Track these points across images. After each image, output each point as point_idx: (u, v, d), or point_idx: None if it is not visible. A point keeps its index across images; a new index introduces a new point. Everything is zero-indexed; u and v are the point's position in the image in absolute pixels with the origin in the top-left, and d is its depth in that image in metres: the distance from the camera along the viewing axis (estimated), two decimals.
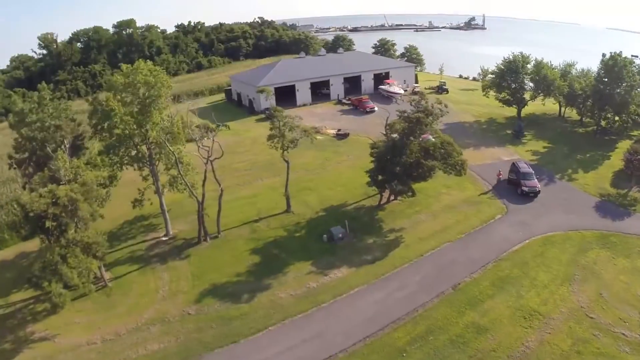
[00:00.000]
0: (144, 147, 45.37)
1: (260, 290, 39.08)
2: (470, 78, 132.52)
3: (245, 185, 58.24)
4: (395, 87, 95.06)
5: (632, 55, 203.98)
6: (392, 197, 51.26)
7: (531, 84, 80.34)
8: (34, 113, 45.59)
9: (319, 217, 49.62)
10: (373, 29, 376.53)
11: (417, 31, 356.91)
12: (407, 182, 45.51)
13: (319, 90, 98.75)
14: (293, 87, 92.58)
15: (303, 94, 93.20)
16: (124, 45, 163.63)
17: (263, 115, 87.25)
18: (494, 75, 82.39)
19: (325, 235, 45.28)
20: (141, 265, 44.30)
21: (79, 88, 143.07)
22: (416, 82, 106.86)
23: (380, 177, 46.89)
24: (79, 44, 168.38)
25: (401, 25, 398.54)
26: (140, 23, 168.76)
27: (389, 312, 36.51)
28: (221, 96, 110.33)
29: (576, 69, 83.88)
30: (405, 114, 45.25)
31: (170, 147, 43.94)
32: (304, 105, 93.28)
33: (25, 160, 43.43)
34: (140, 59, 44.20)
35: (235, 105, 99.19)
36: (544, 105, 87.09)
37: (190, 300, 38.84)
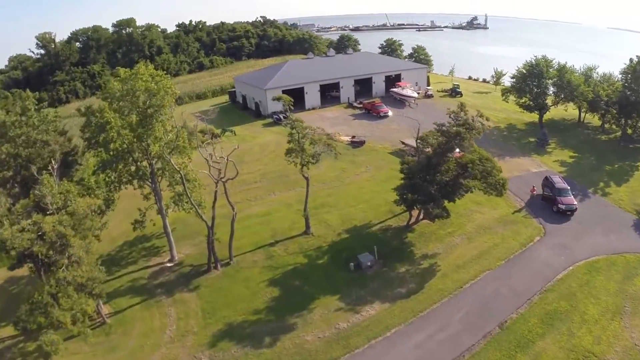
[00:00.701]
0: (144, 162, 39.60)
1: (283, 331, 33.47)
2: (480, 80, 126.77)
3: (256, 200, 52.46)
4: (408, 89, 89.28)
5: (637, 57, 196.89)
6: (421, 216, 45.65)
7: (554, 89, 74.72)
8: (17, 127, 39.28)
9: (342, 239, 43.91)
10: (375, 28, 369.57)
11: (419, 31, 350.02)
12: (442, 203, 39.86)
13: (328, 93, 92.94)
14: (301, 89, 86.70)
15: (312, 97, 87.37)
16: (124, 44, 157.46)
17: (270, 120, 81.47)
18: (514, 79, 76.66)
19: (352, 264, 39.61)
20: (144, 297, 38.64)
21: (77, 89, 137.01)
22: (428, 84, 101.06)
23: (411, 196, 41.16)
24: (77, 43, 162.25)
25: (403, 24, 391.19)
26: (141, 22, 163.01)
27: (433, 358, 31.09)
28: (225, 98, 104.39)
29: (597, 73, 78.65)
30: (444, 128, 39.40)
31: (175, 165, 38.07)
32: (313, 108, 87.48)
33: (9, 179, 37.38)
34: (140, 62, 38.46)
35: (240, 108, 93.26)
36: (565, 112, 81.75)
37: (202, 343, 33.21)
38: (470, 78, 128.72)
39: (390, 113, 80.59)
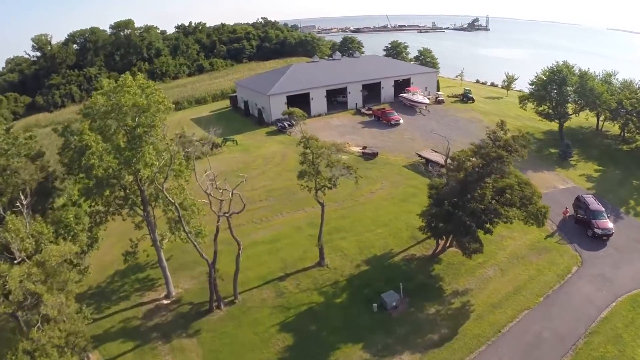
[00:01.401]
0: (135, 188, 34.07)
1: None
2: (489, 84, 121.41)
3: (262, 223, 46.91)
4: (419, 95, 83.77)
5: None
6: (447, 244, 40.26)
7: (574, 97, 69.29)
8: None
9: (362, 272, 38.46)
10: (376, 30, 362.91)
11: (420, 32, 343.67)
12: (476, 234, 34.48)
13: (335, 98, 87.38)
14: (307, 95, 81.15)
15: (318, 102, 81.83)
16: (122, 46, 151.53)
17: (275, 128, 75.92)
18: (533, 86, 71.19)
19: (375, 304, 34.17)
20: (138, 342, 33.24)
21: (73, 92, 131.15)
22: (438, 89, 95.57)
23: (441, 226, 35.71)
24: (75, 45, 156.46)
25: (404, 26, 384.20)
26: (141, 24, 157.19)
27: None
28: (225, 103, 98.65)
29: (617, 79, 73.42)
30: (483, 151, 33.89)
31: (169, 196, 32.45)
32: (319, 115, 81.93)
33: None
34: (127, 73, 32.99)
35: (242, 115, 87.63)
36: (584, 120, 76.45)
37: None
38: (478, 82, 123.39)
39: (401, 121, 75.12)
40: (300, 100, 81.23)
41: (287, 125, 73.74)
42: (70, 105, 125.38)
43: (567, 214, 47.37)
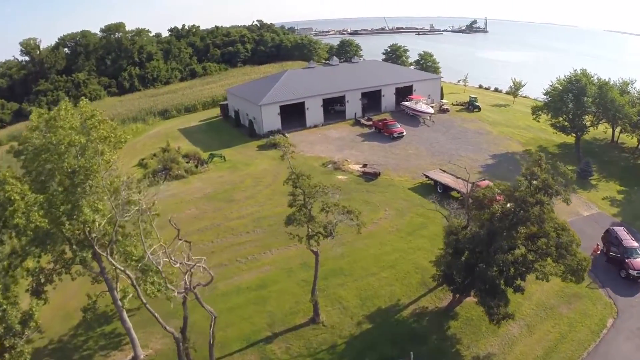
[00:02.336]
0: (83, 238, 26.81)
1: None
2: (492, 89, 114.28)
3: (248, 262, 39.73)
4: (422, 104, 76.70)
5: None
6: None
7: (592, 108, 62.22)
8: None
9: (364, 332, 31.33)
10: (373, 32, 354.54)
11: (419, 34, 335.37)
12: (505, 293, 27.47)
13: (332, 107, 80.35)
14: (302, 104, 74.00)
15: (314, 112, 74.69)
16: (113, 50, 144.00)
17: (266, 141, 68.68)
18: (547, 96, 64.13)
19: None
20: None
21: (61, 99, 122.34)
22: (442, 96, 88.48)
23: (461, 279, 28.67)
24: (66, 49, 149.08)
25: (402, 28, 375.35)
26: (132, 27, 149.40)
27: None
28: (216, 111, 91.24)
29: (634, 88, 66.51)
30: (518, 194, 26.69)
31: (118, 264, 25.17)
32: (315, 126, 74.80)
33: None
34: (65, 100, 25.85)
35: (233, 125, 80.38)
36: (599, 131, 69.56)
37: None
38: (481, 87, 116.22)
39: (404, 133, 68.00)
40: (294, 110, 74.26)
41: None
42: None
43: (597, 251, 40.39)
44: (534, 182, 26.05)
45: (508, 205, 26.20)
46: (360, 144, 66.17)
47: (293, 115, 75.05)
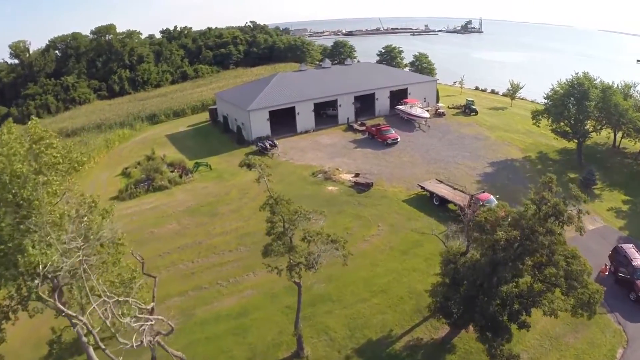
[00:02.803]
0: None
1: None
2: (489, 90, 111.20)
3: (229, 286, 36.30)
4: (417, 108, 73.42)
5: (637, 61, 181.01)
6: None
7: (595, 113, 59.03)
8: None
9: None
10: (368, 33, 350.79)
11: (413, 35, 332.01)
12: (509, 330, 24.19)
13: (324, 111, 76.99)
14: (292, 109, 70.57)
15: (305, 117, 71.30)
16: (104, 53, 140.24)
17: (255, 148, 65.25)
18: (548, 100, 60.95)
19: None
20: None
21: (49, 103, 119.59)
22: (438, 99, 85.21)
23: (459, 312, 25.37)
24: (57, 52, 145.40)
25: (397, 29, 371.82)
26: (132, 28, 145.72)
27: None
28: (205, 116, 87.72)
29: (637, 92, 63.40)
30: (525, 223, 23.32)
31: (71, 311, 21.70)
32: (306, 132, 71.39)
33: None
34: (8, 121, 22.30)
35: (221, 131, 76.82)
36: (608, 139, 66.51)
37: None
38: (477, 88, 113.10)
39: (399, 139, 64.70)
40: (285, 115, 70.88)
41: (268, 145, 63.24)
42: (46, 117, 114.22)
43: (606, 272, 37.17)
44: (544, 207, 22.65)
45: (513, 232, 22.79)
46: (352, 151, 62.81)
47: (283, 120, 71.68)
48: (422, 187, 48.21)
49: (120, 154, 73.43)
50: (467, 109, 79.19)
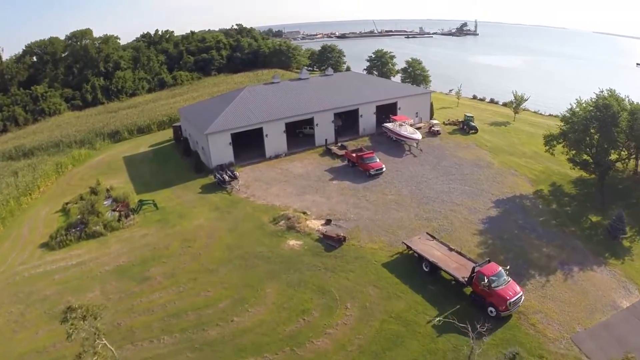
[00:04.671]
0: None
1: None
2: (488, 100, 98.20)
3: None
4: (408, 127, 60.57)
5: (637, 64, 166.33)
6: None
7: (623, 140, 46.08)
8: None
9: None
10: (362, 35, 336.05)
11: (408, 38, 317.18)
12: None
13: (300, 130, 64.28)
14: (261, 130, 57.65)
15: (275, 140, 58.42)
16: (80, 59, 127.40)
17: (214, 179, 52.42)
18: (565, 125, 47.82)
19: None
20: None
21: (17, 115, 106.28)
22: (432, 114, 72.29)
23: None
24: (34, 57, 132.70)
25: (391, 31, 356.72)
26: (105, 34, 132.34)
27: None
28: (171, 133, 74.67)
29: None
30: None
31: None
32: (277, 156, 58.50)
33: None
34: None
35: (182, 154, 63.91)
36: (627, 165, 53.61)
37: None
38: (475, 98, 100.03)
39: (384, 168, 51.78)
40: (251, 137, 58.11)
41: (227, 177, 50.43)
42: (14, 129, 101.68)
43: None
44: None
45: None
46: (327, 185, 49.80)
47: (251, 143, 58.92)
48: (408, 246, 35.37)
49: (70, 182, 60.95)
50: (466, 126, 66.24)
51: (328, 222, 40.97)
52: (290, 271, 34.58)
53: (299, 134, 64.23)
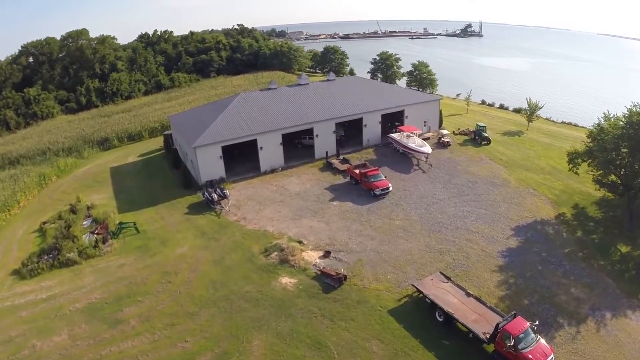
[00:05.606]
0: None
1: None
2: (497, 105, 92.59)
3: None
4: (417, 138, 55.14)
5: None
6: None
7: None
8: None
9: None
10: (366, 36, 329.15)
11: (412, 39, 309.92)
12: None
13: (299, 141, 59.06)
14: (255, 141, 52.30)
15: (271, 152, 53.08)
16: (76, 60, 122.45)
17: (202, 198, 47.06)
18: (591, 142, 42.25)
19: None
20: None
21: (8, 119, 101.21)
22: (441, 123, 66.79)
23: None
24: (30, 58, 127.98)
25: (395, 32, 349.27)
26: (102, 34, 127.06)
27: None
28: (162, 141, 69.36)
29: None
30: None
31: None
32: (272, 171, 53.16)
33: None
34: None
35: (170, 165, 58.65)
36: None
37: None
38: (483, 103, 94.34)
39: (391, 187, 46.29)
40: (246, 148, 52.85)
41: (216, 196, 45.13)
42: (5, 134, 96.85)
43: None
44: None
45: None
46: (327, 207, 44.35)
47: (243, 156, 53.74)
48: (418, 290, 29.98)
49: (52, 196, 55.95)
50: (478, 137, 60.68)
51: (327, 254, 35.60)
52: (282, 318, 29.28)
53: (298, 144, 58.98)
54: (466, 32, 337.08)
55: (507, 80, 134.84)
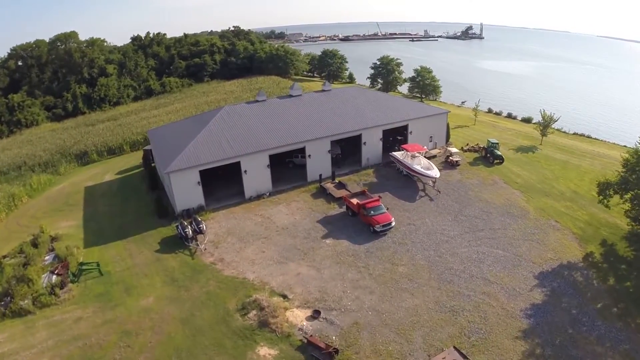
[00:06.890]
0: None
1: None
2: (505, 114, 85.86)
3: None
4: (423, 159, 48.42)
5: None
6: None
7: None
8: None
9: None
10: (365, 38, 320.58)
11: (413, 41, 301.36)
12: None
13: (290, 160, 52.42)
14: (238, 164, 45.49)
15: (256, 176, 46.28)
16: (65, 65, 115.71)
17: (177, 231, 40.26)
18: (626, 170, 35.58)
19: None
20: None
21: None
22: (448, 137, 60.02)
23: None
24: (19, 62, 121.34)
25: (395, 34, 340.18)
26: (91, 37, 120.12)
27: None
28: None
29: None
30: None
31: None
32: (258, 196, 46.40)
33: None
34: None
35: (148, 186, 51.90)
36: None
37: None
38: (490, 111, 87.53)
39: (393, 222, 39.39)
40: (229, 168, 46.12)
41: (190, 231, 38.38)
42: None
43: None
44: None
45: None
46: (318, 246, 37.57)
47: (224, 180, 47.14)
48: None
49: (20, 221, 49.46)
50: (490, 155, 53.91)
51: (316, 314, 28.91)
52: None
53: (289, 163, 52.36)
54: (467, 34, 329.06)
55: (512, 85, 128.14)
